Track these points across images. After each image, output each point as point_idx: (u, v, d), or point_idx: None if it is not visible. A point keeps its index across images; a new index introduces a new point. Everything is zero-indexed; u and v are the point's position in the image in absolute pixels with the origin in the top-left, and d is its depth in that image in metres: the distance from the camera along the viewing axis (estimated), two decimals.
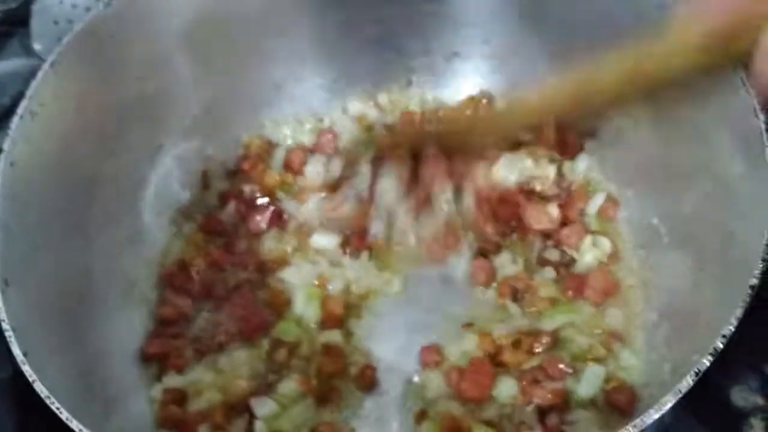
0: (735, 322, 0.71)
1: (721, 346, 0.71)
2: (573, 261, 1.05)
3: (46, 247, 0.89)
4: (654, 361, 0.95)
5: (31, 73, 1.29)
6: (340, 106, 1.21)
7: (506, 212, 1.07)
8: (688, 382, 0.69)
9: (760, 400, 0.95)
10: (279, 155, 1.17)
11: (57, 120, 0.92)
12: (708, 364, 0.70)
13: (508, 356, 0.98)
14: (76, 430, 0.70)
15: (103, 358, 0.94)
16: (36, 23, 1.32)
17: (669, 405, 0.69)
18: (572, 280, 1.03)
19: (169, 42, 1.04)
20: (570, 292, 1.02)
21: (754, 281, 0.73)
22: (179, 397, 0.97)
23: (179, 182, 1.13)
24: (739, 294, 0.73)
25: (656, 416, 0.68)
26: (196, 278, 1.07)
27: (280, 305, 1.04)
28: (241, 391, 0.97)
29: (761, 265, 0.74)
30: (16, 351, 0.74)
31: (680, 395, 0.68)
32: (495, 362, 0.98)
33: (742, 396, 0.96)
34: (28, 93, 0.88)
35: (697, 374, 0.69)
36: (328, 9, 1.13)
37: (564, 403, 0.94)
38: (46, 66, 0.91)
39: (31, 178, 0.87)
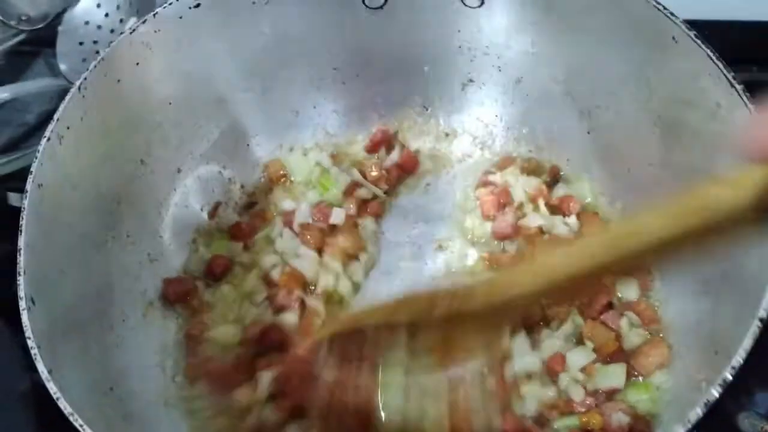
0: (744, 354, 0.72)
1: (730, 377, 0.71)
2: None
3: (70, 267, 0.91)
4: (674, 387, 0.95)
5: (56, 93, 1.35)
6: (355, 133, 1.24)
7: None
8: (696, 413, 0.70)
9: (767, 426, 0.96)
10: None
11: (83, 143, 0.94)
12: (717, 395, 0.71)
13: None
14: None
15: (122, 376, 0.95)
16: (61, 44, 1.35)
17: None
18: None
19: (190, 69, 1.07)
20: None
21: (764, 314, 0.74)
22: None
23: (198, 203, 1.15)
24: (749, 324, 0.74)
25: None
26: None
27: None
28: None
29: None
30: (41, 368, 0.75)
31: (689, 425, 0.69)
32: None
33: (749, 422, 0.96)
34: (56, 116, 0.91)
35: (706, 405, 0.70)
36: (344, 36, 1.15)
37: None
38: (74, 89, 0.93)
39: (57, 200, 0.90)
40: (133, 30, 0.98)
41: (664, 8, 0.92)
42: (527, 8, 1.08)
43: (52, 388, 0.74)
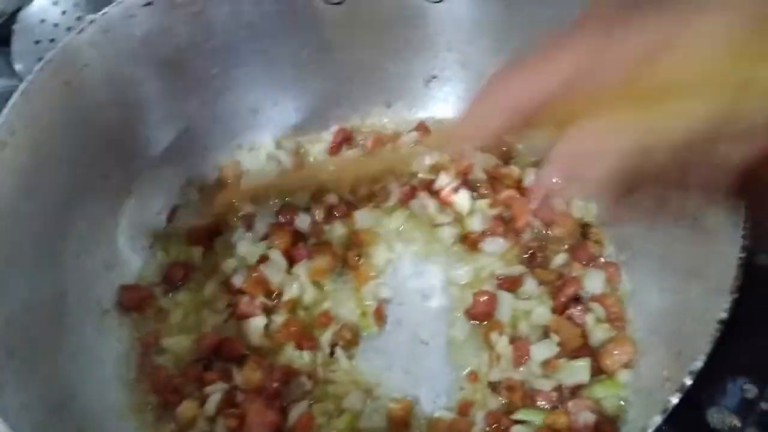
0: (704, 358, 0.71)
1: (689, 382, 0.70)
2: None
3: (18, 278, 0.88)
4: (639, 385, 0.94)
5: (12, 93, 1.31)
6: (317, 130, 1.22)
7: None
8: (655, 421, 0.68)
9: (736, 422, 0.95)
10: None
11: (29, 149, 0.91)
12: (676, 401, 0.69)
13: None
14: None
15: (77, 388, 0.92)
16: (17, 43, 1.32)
17: None
18: None
19: (144, 69, 1.04)
20: None
21: (723, 316, 0.72)
22: None
23: (155, 207, 1.13)
24: (710, 326, 0.73)
25: None
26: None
27: None
28: None
29: (731, 298, 0.73)
30: None
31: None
32: None
33: (719, 417, 0.96)
34: None
35: (665, 412, 0.69)
36: (305, 33, 1.13)
37: None
38: (17, 94, 0.90)
39: (2, 209, 0.86)
40: (81, 30, 0.95)
41: None
42: (488, 3, 1.06)
43: None
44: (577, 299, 1.02)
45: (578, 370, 0.96)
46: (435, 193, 1.12)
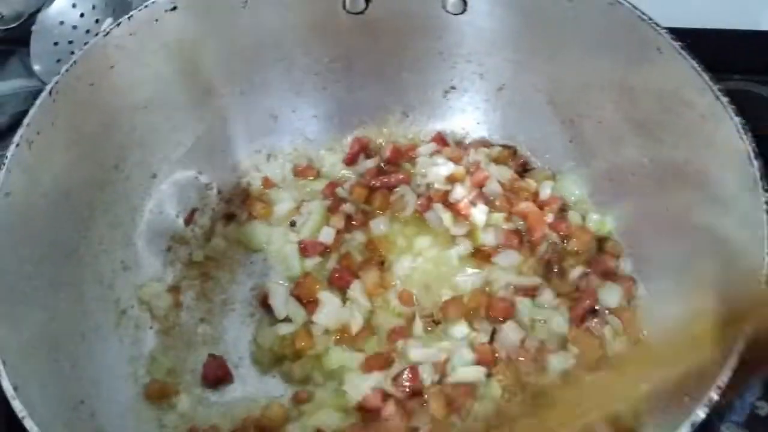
0: (729, 374, 0.71)
1: (716, 397, 0.70)
2: None
3: (40, 277, 0.89)
4: (656, 399, 0.93)
5: (31, 94, 1.32)
6: (334, 138, 1.22)
7: None
8: None
9: None
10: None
11: (54, 148, 0.92)
12: (703, 416, 0.70)
13: None
14: None
15: (94, 387, 0.93)
16: (35, 44, 1.32)
17: None
18: None
19: (166, 72, 1.04)
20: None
21: (748, 330, 0.73)
22: None
23: (174, 210, 1.13)
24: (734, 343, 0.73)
25: None
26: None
27: None
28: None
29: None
30: (6, 385, 0.73)
31: None
32: None
33: None
34: (26, 121, 0.88)
35: (693, 426, 0.69)
36: (324, 41, 1.13)
37: None
38: (44, 93, 0.91)
39: (26, 209, 0.87)
40: (107, 32, 0.96)
41: (649, 18, 0.91)
42: (509, 16, 1.06)
43: (17, 406, 0.72)
44: (594, 311, 1.03)
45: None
46: (450, 205, 1.12)
